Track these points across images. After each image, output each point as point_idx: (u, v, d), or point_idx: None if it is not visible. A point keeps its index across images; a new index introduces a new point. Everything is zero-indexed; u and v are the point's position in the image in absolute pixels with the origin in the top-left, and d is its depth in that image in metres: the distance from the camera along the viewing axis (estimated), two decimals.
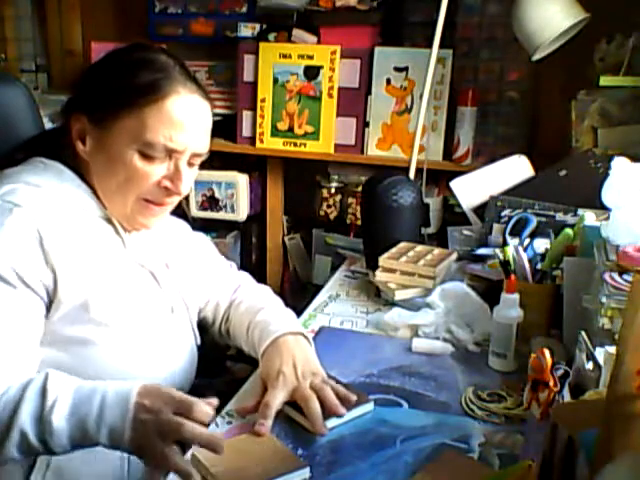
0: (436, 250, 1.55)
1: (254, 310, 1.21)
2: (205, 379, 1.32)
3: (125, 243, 1.09)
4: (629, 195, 1.11)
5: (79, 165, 1.07)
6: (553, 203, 1.60)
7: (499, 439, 0.98)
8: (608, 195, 1.15)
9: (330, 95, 2.17)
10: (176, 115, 1.02)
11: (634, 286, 0.67)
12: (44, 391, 0.88)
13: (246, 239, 2.50)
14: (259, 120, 2.25)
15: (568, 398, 0.89)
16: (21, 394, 0.88)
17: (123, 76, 1.04)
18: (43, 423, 0.86)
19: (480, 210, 1.75)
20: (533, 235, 1.49)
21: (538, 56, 1.75)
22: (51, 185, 1.04)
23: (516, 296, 1.16)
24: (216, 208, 2.37)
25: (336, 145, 2.20)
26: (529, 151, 1.91)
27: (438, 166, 2.08)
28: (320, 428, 0.97)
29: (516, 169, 1.80)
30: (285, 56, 2.18)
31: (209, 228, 2.32)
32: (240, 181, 2.33)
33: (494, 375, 1.16)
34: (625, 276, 1.01)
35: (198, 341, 1.21)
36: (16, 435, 0.86)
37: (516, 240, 1.47)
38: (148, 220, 1.09)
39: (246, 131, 2.29)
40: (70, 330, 1.00)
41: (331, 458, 0.93)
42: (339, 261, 2.03)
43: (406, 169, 1.85)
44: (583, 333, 0.95)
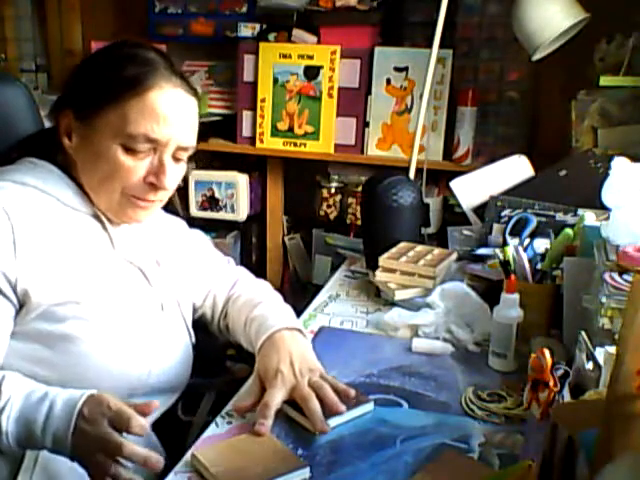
0: (436, 250, 1.55)
1: (252, 304, 1.21)
2: (205, 379, 1.32)
3: (113, 240, 1.08)
4: (629, 195, 1.11)
5: (68, 163, 1.07)
6: (553, 203, 1.60)
7: (499, 439, 0.97)
8: (608, 195, 1.15)
9: (330, 95, 2.17)
10: (159, 108, 1.01)
11: (634, 286, 0.67)
12: None
13: (246, 239, 2.50)
14: (259, 120, 2.25)
15: (568, 398, 0.89)
16: None
17: (108, 71, 1.03)
18: None
19: (480, 210, 1.75)
20: (533, 235, 1.49)
21: (538, 56, 1.76)
22: (36, 183, 1.03)
23: (516, 296, 1.16)
24: (216, 208, 2.37)
25: (336, 145, 2.20)
26: (529, 151, 1.91)
27: (438, 166, 2.08)
28: (322, 426, 0.97)
29: (516, 169, 1.79)
30: (285, 56, 2.18)
31: (209, 228, 2.32)
32: (240, 181, 2.33)
33: (494, 375, 1.16)
34: (625, 276, 1.00)
35: (193, 339, 1.19)
36: None
37: (516, 240, 1.47)
38: (138, 214, 1.08)
39: (246, 131, 2.29)
40: (54, 327, 0.99)
41: (331, 458, 0.92)
42: (339, 261, 2.02)
43: (406, 169, 1.85)
44: (583, 333, 0.95)
